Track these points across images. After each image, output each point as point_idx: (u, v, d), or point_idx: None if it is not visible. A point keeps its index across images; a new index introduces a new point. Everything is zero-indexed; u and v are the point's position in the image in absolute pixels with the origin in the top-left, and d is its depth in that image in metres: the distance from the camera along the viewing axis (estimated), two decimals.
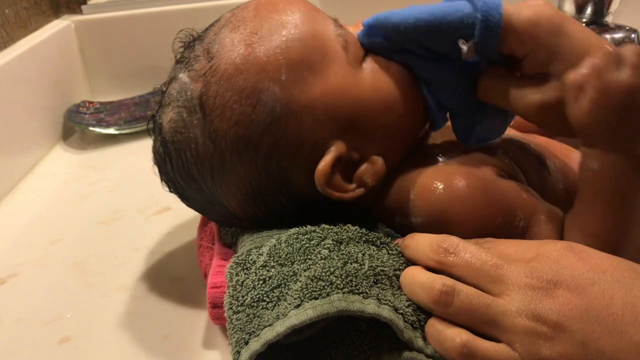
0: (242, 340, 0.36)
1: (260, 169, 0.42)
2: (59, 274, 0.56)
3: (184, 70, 0.43)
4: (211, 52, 0.42)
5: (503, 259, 0.35)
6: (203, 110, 0.41)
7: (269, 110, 0.40)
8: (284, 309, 0.35)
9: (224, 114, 0.41)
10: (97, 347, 0.46)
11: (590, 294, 0.32)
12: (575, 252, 0.35)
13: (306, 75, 0.41)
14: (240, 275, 0.39)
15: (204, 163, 0.42)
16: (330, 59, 0.41)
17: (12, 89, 0.77)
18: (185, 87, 0.42)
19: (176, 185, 0.46)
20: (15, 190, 0.74)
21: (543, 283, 0.33)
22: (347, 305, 0.34)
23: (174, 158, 0.44)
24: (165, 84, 0.45)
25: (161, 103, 0.45)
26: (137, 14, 0.98)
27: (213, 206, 0.45)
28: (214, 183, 0.43)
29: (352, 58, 0.42)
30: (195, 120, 0.42)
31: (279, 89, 0.40)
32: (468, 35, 0.40)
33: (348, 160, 0.43)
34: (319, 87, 0.41)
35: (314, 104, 0.41)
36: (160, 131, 0.44)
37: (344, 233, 0.40)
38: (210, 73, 0.41)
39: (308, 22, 0.42)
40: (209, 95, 0.41)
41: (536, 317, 0.32)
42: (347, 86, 0.41)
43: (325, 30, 0.42)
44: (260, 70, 0.40)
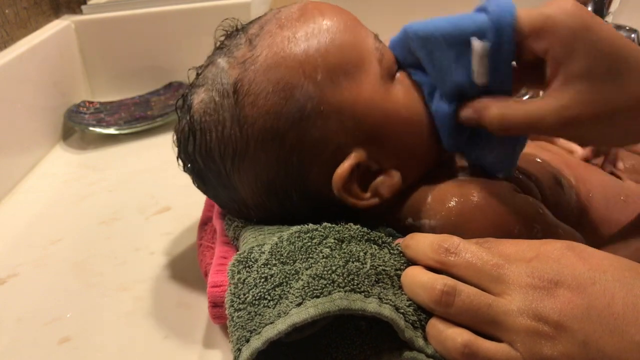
0: (243, 337, 0.36)
1: (280, 162, 0.43)
2: (59, 274, 0.56)
3: (224, 55, 0.44)
4: (254, 42, 0.43)
5: (504, 258, 0.35)
6: (236, 95, 0.42)
7: (299, 106, 0.41)
8: (285, 307, 0.35)
9: (255, 103, 0.42)
10: (97, 347, 0.46)
11: (591, 294, 0.32)
12: (575, 252, 0.35)
13: (341, 80, 0.42)
14: (242, 273, 0.40)
15: (227, 147, 0.43)
16: (365, 69, 0.43)
17: (12, 89, 0.77)
18: (223, 71, 0.43)
19: (194, 165, 0.46)
20: (15, 190, 0.74)
21: (544, 282, 0.33)
22: (348, 304, 0.34)
23: (198, 138, 0.44)
24: (202, 67, 0.46)
25: (194, 84, 0.46)
26: (137, 14, 0.98)
27: (227, 190, 0.46)
28: (233, 168, 0.44)
29: (386, 73, 0.44)
30: (226, 104, 0.43)
31: (313, 88, 0.41)
32: None
33: (366, 169, 0.43)
34: (351, 94, 0.42)
35: (343, 109, 0.42)
36: (189, 110, 0.45)
37: (346, 232, 0.41)
38: (250, 61, 0.42)
39: (350, 31, 0.43)
40: (244, 82, 0.42)
41: (537, 317, 0.32)
42: (377, 99, 0.42)
43: (365, 42, 0.44)
44: (298, 67, 0.41)
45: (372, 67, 0.43)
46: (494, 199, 0.42)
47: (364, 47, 0.43)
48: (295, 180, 0.43)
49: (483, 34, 0.38)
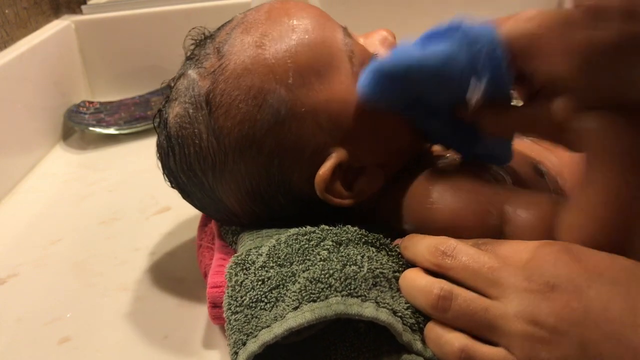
0: (240, 341, 0.36)
1: (261, 168, 0.42)
2: (59, 274, 0.56)
3: (194, 67, 0.44)
4: (222, 51, 0.43)
5: (500, 261, 0.35)
6: (209, 107, 0.42)
7: (273, 112, 0.41)
8: (282, 311, 0.35)
9: (229, 112, 0.41)
10: (97, 347, 0.46)
11: (588, 297, 0.32)
12: (572, 254, 0.35)
13: (313, 81, 0.41)
14: (240, 275, 0.40)
15: (206, 159, 0.43)
16: (336, 67, 0.42)
17: (12, 89, 0.77)
18: (194, 83, 0.43)
19: (178, 180, 0.46)
20: (15, 190, 0.74)
21: (540, 286, 0.33)
22: (345, 309, 0.35)
23: (177, 152, 0.44)
24: (174, 79, 0.46)
25: (168, 97, 0.45)
26: (137, 14, 0.98)
27: (213, 202, 0.46)
28: (215, 179, 0.44)
29: (358, 70, 0.42)
30: (200, 117, 0.42)
31: (285, 92, 0.41)
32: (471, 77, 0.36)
33: (348, 168, 0.43)
34: (324, 94, 0.41)
35: (318, 110, 0.41)
36: (165, 125, 0.45)
37: (344, 234, 0.41)
38: (219, 71, 0.42)
39: (318, 28, 0.43)
40: (216, 92, 0.42)
41: (534, 321, 0.32)
42: (350, 97, 0.42)
43: (334, 38, 0.43)
44: (268, 72, 0.41)
45: (343, 65, 0.42)
46: (448, 197, 0.41)
47: (333, 45, 0.43)
48: (278, 186, 0.43)
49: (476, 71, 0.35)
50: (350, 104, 0.42)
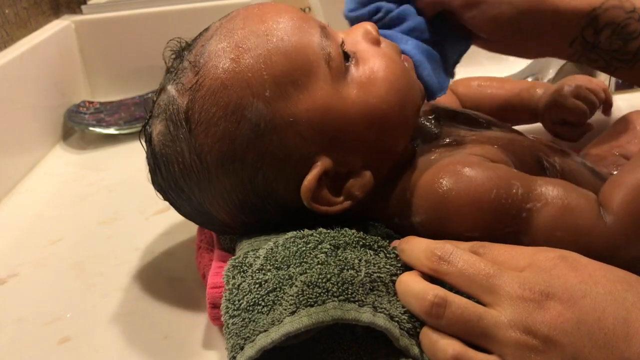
0: (238, 345, 0.36)
1: (246, 182, 0.42)
2: (59, 274, 0.56)
3: (172, 82, 0.43)
4: (197, 66, 0.42)
5: (496, 267, 0.35)
6: (189, 125, 0.41)
7: (252, 126, 0.40)
8: (279, 315, 0.36)
9: (208, 130, 0.41)
10: (97, 347, 0.47)
11: (582, 307, 0.32)
12: (568, 262, 0.35)
13: (290, 91, 0.41)
14: (237, 278, 0.40)
15: (190, 176, 0.43)
16: (314, 74, 0.41)
17: (12, 89, 0.77)
18: (173, 100, 0.42)
19: (167, 196, 0.47)
20: (15, 190, 0.74)
21: (535, 295, 0.33)
22: (342, 314, 0.35)
23: (163, 170, 0.44)
24: (156, 94, 0.45)
25: (151, 113, 0.45)
26: (137, 14, 0.98)
27: (203, 215, 0.46)
28: (202, 195, 0.44)
29: (336, 73, 0.42)
30: (181, 135, 0.42)
31: (263, 105, 0.40)
32: None
33: (335, 174, 0.43)
34: (303, 103, 0.41)
35: (298, 120, 0.41)
36: (150, 142, 0.45)
37: (341, 237, 0.40)
38: (196, 87, 0.41)
39: (293, 35, 0.42)
40: (194, 110, 0.41)
41: (527, 330, 0.32)
42: (330, 103, 0.41)
43: (310, 43, 0.42)
44: (245, 86, 0.40)
45: (321, 70, 0.42)
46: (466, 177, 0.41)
47: (309, 50, 0.42)
48: (265, 197, 0.43)
49: None
50: (331, 111, 0.41)
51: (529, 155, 0.48)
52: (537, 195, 0.41)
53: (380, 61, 0.44)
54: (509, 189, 0.41)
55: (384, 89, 0.43)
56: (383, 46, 0.45)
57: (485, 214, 0.40)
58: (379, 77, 0.43)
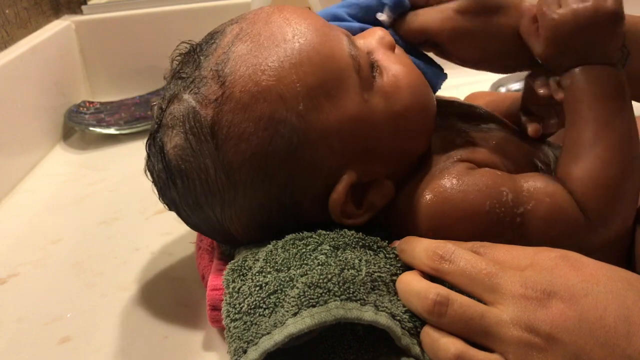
0: (241, 349, 0.36)
1: (273, 200, 0.41)
2: (59, 274, 0.56)
3: (190, 91, 0.40)
4: (222, 76, 0.39)
5: (498, 267, 0.35)
6: (215, 140, 0.39)
7: (286, 142, 0.39)
8: (281, 317, 0.35)
9: (239, 146, 0.39)
10: (97, 347, 0.47)
11: (584, 306, 0.32)
12: (569, 262, 0.35)
13: (323, 102, 0.40)
14: (237, 281, 0.39)
15: (214, 194, 0.41)
16: (345, 84, 0.40)
17: (12, 89, 0.77)
18: (194, 111, 0.40)
19: (180, 211, 0.44)
20: (15, 190, 0.74)
21: (537, 293, 0.33)
22: (344, 313, 0.35)
23: (180, 186, 0.42)
24: (165, 101, 0.42)
25: (161, 122, 0.42)
26: (137, 14, 0.98)
27: (217, 232, 0.44)
28: (223, 213, 0.42)
29: (365, 82, 0.41)
30: (206, 150, 0.40)
31: (297, 119, 0.39)
32: None
33: (357, 185, 0.42)
34: (335, 115, 0.40)
35: (329, 133, 0.40)
36: (162, 155, 0.42)
37: (341, 238, 0.40)
38: (222, 100, 0.39)
39: (323, 42, 0.40)
40: (222, 124, 0.39)
41: (529, 328, 0.32)
42: (360, 113, 0.41)
43: (340, 51, 0.41)
44: (277, 100, 0.39)
45: (352, 80, 0.41)
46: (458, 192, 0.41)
47: (340, 59, 0.41)
48: (288, 214, 0.42)
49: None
50: (361, 121, 0.41)
51: (521, 154, 0.48)
52: (526, 197, 0.41)
53: (401, 68, 0.43)
54: (500, 196, 0.41)
55: (408, 96, 0.43)
56: (397, 51, 0.45)
57: (482, 225, 0.41)
58: (402, 84, 0.43)
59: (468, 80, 0.49)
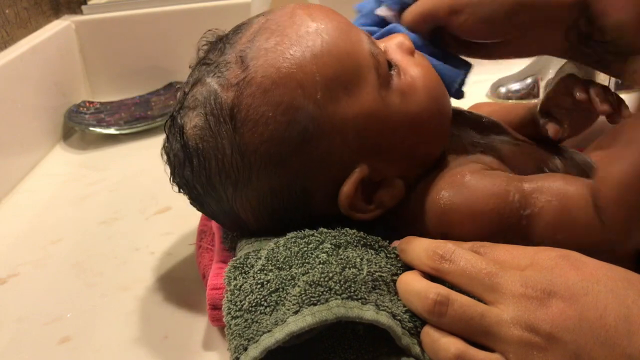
0: (241, 346, 0.36)
1: (284, 186, 0.42)
2: (59, 274, 0.56)
3: (213, 75, 0.42)
4: (245, 61, 0.41)
5: (498, 266, 0.35)
6: (234, 122, 0.40)
7: (302, 129, 0.40)
8: (282, 315, 0.35)
9: (255, 129, 0.40)
10: (97, 347, 0.47)
11: (584, 305, 0.32)
12: (570, 261, 0.35)
13: (340, 95, 0.40)
14: (239, 279, 0.40)
15: (229, 175, 0.42)
16: (363, 79, 0.41)
17: (12, 89, 0.77)
18: (215, 94, 0.41)
19: (191, 191, 0.45)
20: (15, 190, 0.74)
21: (537, 292, 0.33)
22: (345, 312, 0.35)
23: (196, 165, 0.42)
24: (188, 85, 0.44)
25: (182, 104, 0.43)
26: (137, 14, 0.98)
27: (227, 214, 0.45)
28: (235, 195, 0.43)
29: (383, 80, 0.42)
30: (224, 131, 0.41)
31: (314, 108, 0.40)
32: None
33: (369, 182, 0.42)
34: (352, 108, 0.41)
35: (345, 125, 0.40)
36: (181, 134, 0.43)
37: (342, 237, 0.40)
38: (244, 84, 0.40)
39: (344, 38, 0.42)
40: (241, 107, 0.40)
41: (530, 328, 0.32)
42: (376, 109, 0.41)
43: (361, 48, 0.42)
44: (297, 87, 0.39)
45: (370, 77, 0.41)
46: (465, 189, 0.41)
47: (360, 55, 0.42)
48: (299, 202, 0.42)
49: None
50: (376, 117, 0.41)
51: (530, 163, 0.48)
52: (533, 199, 0.41)
53: (419, 70, 0.44)
54: (506, 196, 0.41)
55: (425, 97, 0.43)
56: (416, 56, 0.45)
57: (486, 225, 0.40)
58: (419, 85, 0.43)
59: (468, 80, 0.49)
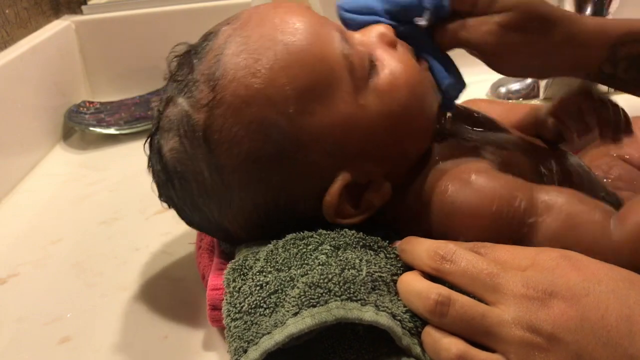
0: (241, 348, 0.36)
1: (269, 202, 0.41)
2: (59, 274, 0.56)
3: (183, 95, 0.41)
4: (213, 80, 0.40)
5: (499, 267, 0.35)
6: (208, 144, 0.40)
7: (277, 145, 0.39)
8: (282, 317, 0.35)
9: (231, 150, 0.39)
10: (97, 347, 0.47)
11: (585, 305, 0.32)
12: (571, 261, 0.35)
13: (314, 106, 0.39)
14: (238, 281, 0.39)
15: (210, 196, 0.41)
16: (336, 85, 0.40)
17: (12, 89, 0.77)
18: (187, 115, 0.40)
19: (179, 210, 0.45)
20: (15, 190, 0.74)
21: (538, 293, 0.33)
22: (345, 313, 0.34)
23: (178, 188, 0.42)
24: (162, 103, 0.43)
25: (159, 125, 0.43)
26: (137, 14, 0.98)
27: (217, 230, 0.45)
28: (220, 213, 0.43)
29: (358, 82, 0.41)
30: (200, 154, 0.40)
31: (287, 123, 0.39)
32: None
33: (354, 186, 0.42)
34: (327, 118, 0.40)
35: (322, 136, 0.40)
36: (160, 157, 0.43)
37: (341, 238, 0.40)
38: (214, 104, 0.39)
39: (314, 41, 0.40)
40: (213, 129, 0.39)
41: (531, 328, 0.32)
42: (354, 114, 0.40)
43: (332, 51, 0.40)
44: (267, 103, 0.39)
45: (344, 81, 0.40)
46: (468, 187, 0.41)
47: (332, 60, 0.40)
48: (286, 214, 0.42)
49: None
50: (355, 123, 0.40)
51: (526, 161, 0.47)
52: (541, 209, 0.40)
53: (399, 66, 0.42)
54: (512, 201, 0.40)
55: (405, 95, 0.42)
56: (399, 49, 0.44)
57: (486, 226, 0.40)
58: (399, 83, 0.42)
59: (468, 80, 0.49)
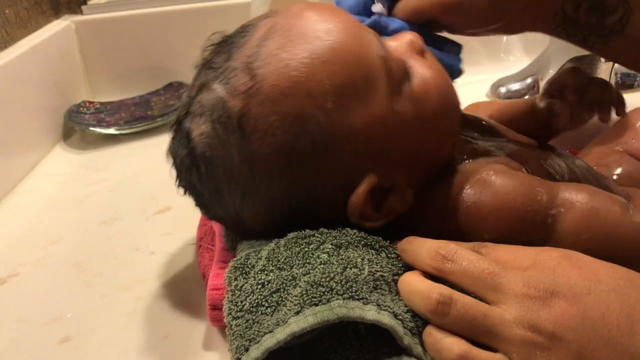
0: (242, 347, 0.36)
1: (292, 195, 0.41)
2: (59, 274, 0.56)
3: (219, 81, 0.41)
4: (253, 69, 0.40)
5: (500, 266, 0.35)
6: (242, 131, 0.40)
7: (311, 139, 0.39)
8: (283, 315, 0.35)
9: (264, 139, 0.39)
10: (97, 347, 0.47)
11: (586, 304, 0.32)
12: (572, 261, 0.35)
13: (351, 104, 0.39)
14: (239, 279, 0.39)
15: (237, 183, 0.41)
16: (374, 86, 0.40)
17: (12, 89, 0.77)
18: (222, 101, 0.40)
19: (198, 196, 0.45)
20: (15, 190, 0.74)
21: (540, 292, 0.33)
22: (347, 312, 0.34)
23: (203, 172, 0.42)
24: (194, 89, 0.43)
25: (189, 109, 0.43)
26: (137, 14, 0.98)
27: (232, 219, 0.44)
28: (243, 203, 0.42)
29: (394, 85, 0.41)
30: (232, 140, 0.40)
31: (324, 118, 0.39)
32: None
33: (378, 189, 0.42)
34: (362, 117, 0.40)
35: (356, 135, 0.40)
36: (188, 141, 0.42)
37: (343, 237, 0.40)
38: (252, 92, 0.39)
39: (355, 42, 0.40)
40: (249, 116, 0.39)
41: (532, 327, 0.32)
42: (388, 117, 0.40)
43: (370, 52, 0.41)
44: (306, 96, 0.39)
45: (381, 83, 0.40)
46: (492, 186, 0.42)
47: (371, 61, 0.40)
48: (306, 211, 0.42)
49: None
50: (388, 125, 0.40)
51: (537, 163, 0.48)
52: (561, 201, 0.41)
53: (431, 73, 0.43)
54: (534, 196, 0.41)
55: (438, 102, 0.42)
56: (427, 57, 0.45)
57: (510, 222, 0.41)
58: (431, 90, 0.42)
59: (468, 80, 0.49)
